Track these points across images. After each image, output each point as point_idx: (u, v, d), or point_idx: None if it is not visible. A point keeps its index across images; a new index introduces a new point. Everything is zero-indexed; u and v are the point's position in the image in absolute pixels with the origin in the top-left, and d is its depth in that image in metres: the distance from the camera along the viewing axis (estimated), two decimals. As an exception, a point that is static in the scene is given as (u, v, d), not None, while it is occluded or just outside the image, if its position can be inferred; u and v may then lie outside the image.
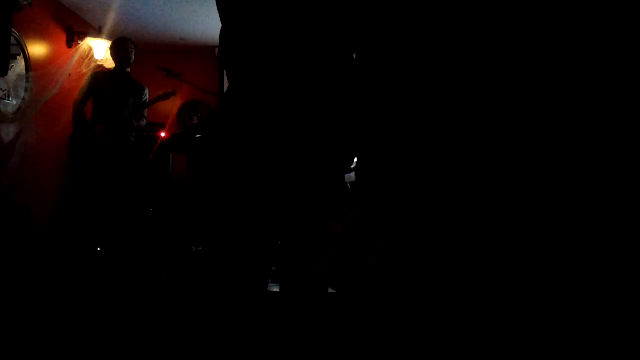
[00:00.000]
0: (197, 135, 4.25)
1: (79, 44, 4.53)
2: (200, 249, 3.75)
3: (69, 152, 3.78)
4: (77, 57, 4.50)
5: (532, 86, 1.58)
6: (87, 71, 4.63)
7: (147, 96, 3.95)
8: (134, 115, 3.81)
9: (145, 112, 4.00)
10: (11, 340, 2.02)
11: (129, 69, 3.90)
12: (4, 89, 3.59)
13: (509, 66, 1.60)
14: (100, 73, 4.10)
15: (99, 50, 4.56)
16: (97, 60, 4.64)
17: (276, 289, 1.25)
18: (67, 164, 4.35)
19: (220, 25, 1.23)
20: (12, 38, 3.38)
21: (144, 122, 3.96)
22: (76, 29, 4.56)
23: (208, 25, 4.89)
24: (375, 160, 1.83)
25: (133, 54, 3.87)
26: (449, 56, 1.64)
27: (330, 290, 2.65)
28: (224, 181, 1.18)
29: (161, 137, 4.45)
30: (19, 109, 3.76)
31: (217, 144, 1.18)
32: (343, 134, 1.18)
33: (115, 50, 3.86)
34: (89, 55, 4.59)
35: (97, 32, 4.73)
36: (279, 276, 1.23)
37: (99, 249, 3.69)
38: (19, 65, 3.77)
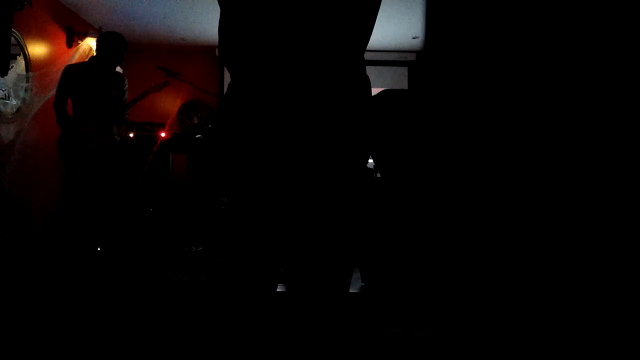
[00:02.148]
0: (197, 135, 4.24)
1: (79, 43, 4.53)
2: (201, 249, 3.75)
3: (59, 154, 3.58)
4: (77, 57, 4.50)
5: (534, 87, 1.58)
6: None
7: (127, 87, 3.69)
8: (119, 108, 3.58)
9: (127, 108, 3.72)
10: (11, 340, 2.01)
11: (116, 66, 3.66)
12: (4, 89, 3.58)
13: (510, 67, 1.61)
14: (74, 66, 3.72)
15: (99, 50, 4.55)
16: (97, 60, 4.63)
17: (281, 289, 1.24)
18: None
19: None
20: (12, 38, 3.38)
21: (126, 116, 3.75)
22: (76, 28, 4.55)
23: (208, 25, 4.89)
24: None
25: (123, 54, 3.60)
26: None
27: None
28: (230, 181, 1.17)
29: (161, 137, 4.45)
30: (19, 109, 3.75)
31: (223, 143, 1.17)
32: (352, 129, 1.15)
33: (107, 46, 3.52)
34: (89, 55, 4.58)
35: (97, 32, 4.72)
36: (287, 276, 1.22)
37: (99, 249, 3.69)
38: (19, 65, 3.77)
